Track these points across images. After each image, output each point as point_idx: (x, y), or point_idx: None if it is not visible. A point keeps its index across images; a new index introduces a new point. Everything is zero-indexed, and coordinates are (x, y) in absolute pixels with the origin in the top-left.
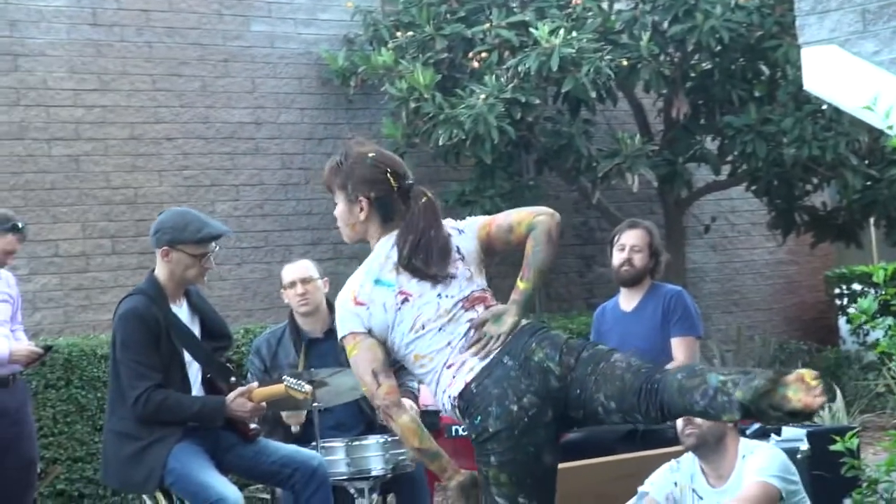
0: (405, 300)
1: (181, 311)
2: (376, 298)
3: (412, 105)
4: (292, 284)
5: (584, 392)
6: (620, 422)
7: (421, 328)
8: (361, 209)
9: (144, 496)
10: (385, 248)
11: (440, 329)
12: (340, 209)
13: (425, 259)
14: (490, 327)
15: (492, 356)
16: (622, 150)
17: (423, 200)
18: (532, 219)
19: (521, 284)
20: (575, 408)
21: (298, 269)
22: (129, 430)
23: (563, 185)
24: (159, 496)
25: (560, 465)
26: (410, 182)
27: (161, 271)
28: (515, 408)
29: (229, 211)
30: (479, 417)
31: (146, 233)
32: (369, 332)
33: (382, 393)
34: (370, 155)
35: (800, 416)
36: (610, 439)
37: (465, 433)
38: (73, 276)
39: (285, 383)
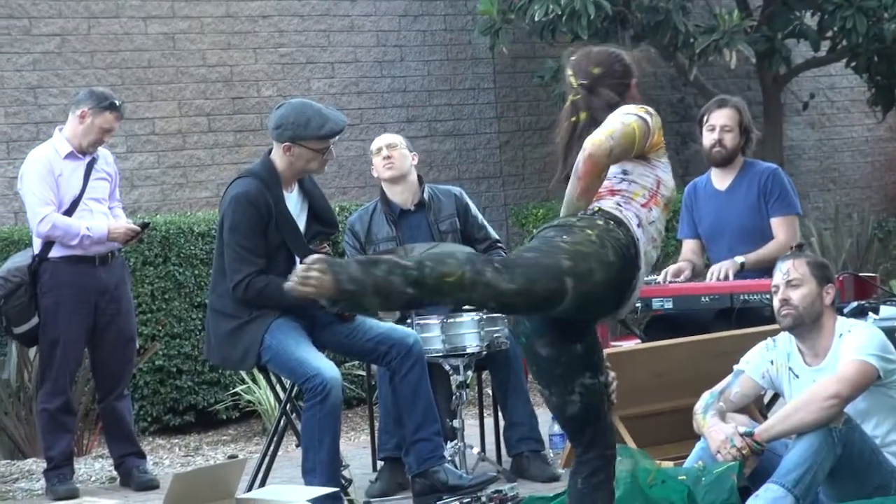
0: None
1: (291, 196)
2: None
3: None
4: (378, 151)
5: None
6: None
7: None
8: None
9: (242, 372)
10: None
11: None
12: None
13: None
14: None
15: None
16: (720, 26)
17: None
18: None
19: None
20: None
21: (384, 137)
22: (227, 308)
23: (659, 62)
24: (256, 373)
25: (654, 344)
26: None
27: (279, 160)
28: None
29: (324, 88)
30: None
31: (242, 111)
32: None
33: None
34: None
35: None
36: (704, 318)
37: None
38: (170, 153)
39: None
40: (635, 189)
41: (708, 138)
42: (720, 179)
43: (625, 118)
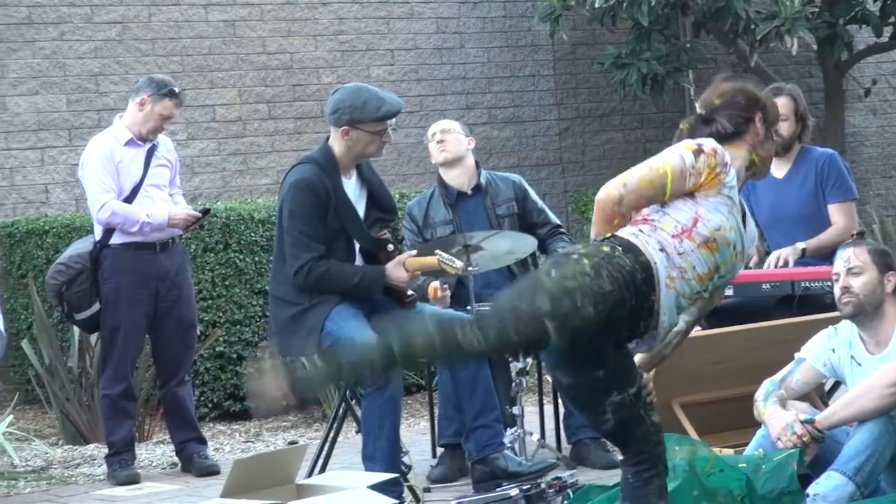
0: None
1: (350, 183)
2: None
3: None
4: (433, 136)
5: None
6: None
7: None
8: None
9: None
10: None
11: None
12: None
13: None
14: None
15: None
16: (781, 12)
17: None
18: None
19: None
20: None
21: (439, 123)
22: (288, 294)
23: (720, 48)
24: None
25: (716, 331)
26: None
27: (337, 145)
28: None
29: (384, 76)
30: None
31: (302, 98)
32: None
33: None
34: None
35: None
36: (766, 305)
37: None
38: (231, 140)
39: (437, 258)
40: (667, 221)
41: None
42: (777, 167)
43: (655, 161)
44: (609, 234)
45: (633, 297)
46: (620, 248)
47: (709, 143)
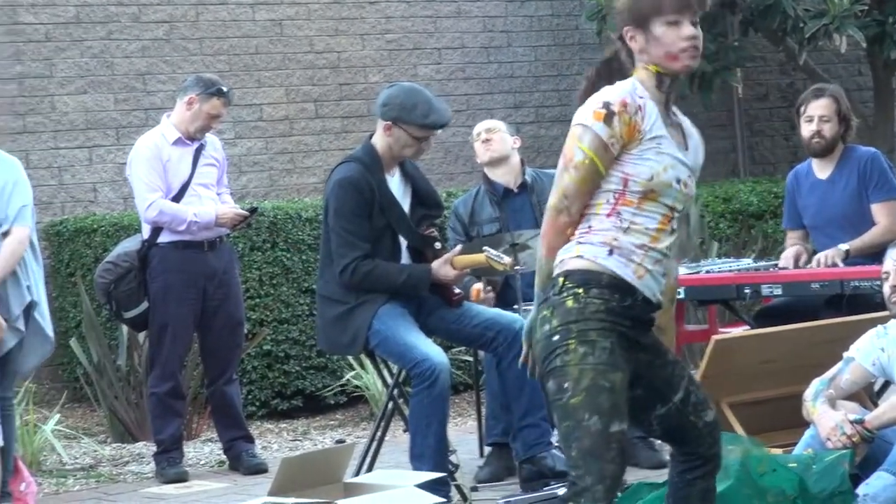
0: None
1: (393, 180)
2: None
3: None
4: (478, 136)
5: None
6: None
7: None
8: None
9: (349, 357)
10: None
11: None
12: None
13: None
14: None
15: None
16: (830, 10)
17: None
18: None
19: None
20: None
21: (483, 123)
22: (334, 293)
23: (768, 46)
24: (364, 358)
25: (763, 330)
26: None
27: (380, 142)
28: None
29: (431, 74)
30: None
31: (349, 97)
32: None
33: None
34: None
35: None
36: (814, 304)
37: None
38: (278, 139)
39: (486, 254)
40: (597, 199)
41: (806, 129)
42: (821, 168)
43: (576, 156)
44: (562, 278)
45: (626, 320)
46: (580, 290)
47: (615, 97)
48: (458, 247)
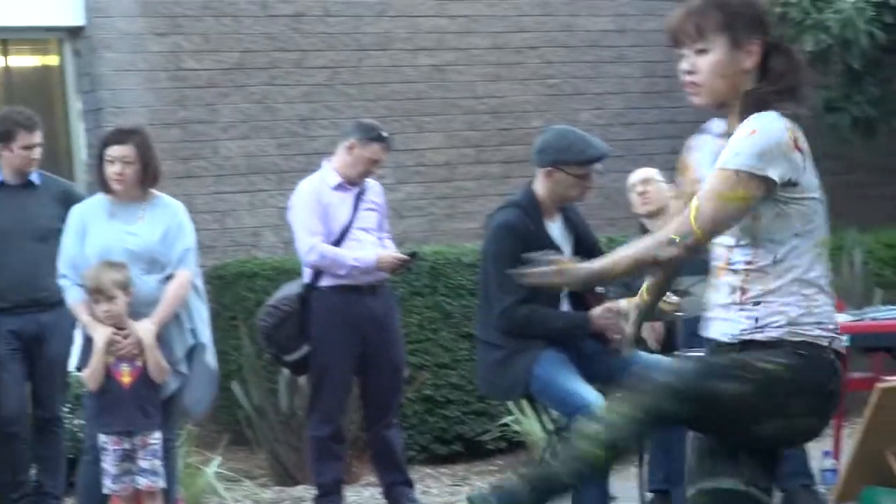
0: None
1: (554, 226)
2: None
3: (778, 10)
4: (633, 186)
5: None
6: None
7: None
8: (750, 55)
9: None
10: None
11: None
12: (715, 58)
13: None
14: None
15: None
16: None
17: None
18: None
19: None
20: None
21: (639, 172)
22: (494, 338)
23: None
24: (524, 403)
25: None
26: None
27: (541, 188)
28: None
29: (592, 119)
30: None
31: (510, 142)
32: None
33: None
34: None
35: None
36: None
37: None
38: (438, 184)
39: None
40: None
41: None
42: None
43: None
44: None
45: None
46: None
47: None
48: (623, 302)
